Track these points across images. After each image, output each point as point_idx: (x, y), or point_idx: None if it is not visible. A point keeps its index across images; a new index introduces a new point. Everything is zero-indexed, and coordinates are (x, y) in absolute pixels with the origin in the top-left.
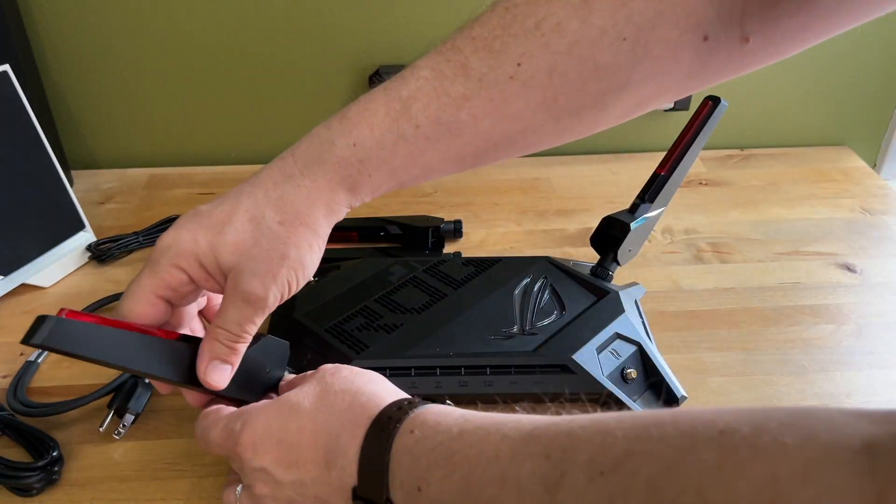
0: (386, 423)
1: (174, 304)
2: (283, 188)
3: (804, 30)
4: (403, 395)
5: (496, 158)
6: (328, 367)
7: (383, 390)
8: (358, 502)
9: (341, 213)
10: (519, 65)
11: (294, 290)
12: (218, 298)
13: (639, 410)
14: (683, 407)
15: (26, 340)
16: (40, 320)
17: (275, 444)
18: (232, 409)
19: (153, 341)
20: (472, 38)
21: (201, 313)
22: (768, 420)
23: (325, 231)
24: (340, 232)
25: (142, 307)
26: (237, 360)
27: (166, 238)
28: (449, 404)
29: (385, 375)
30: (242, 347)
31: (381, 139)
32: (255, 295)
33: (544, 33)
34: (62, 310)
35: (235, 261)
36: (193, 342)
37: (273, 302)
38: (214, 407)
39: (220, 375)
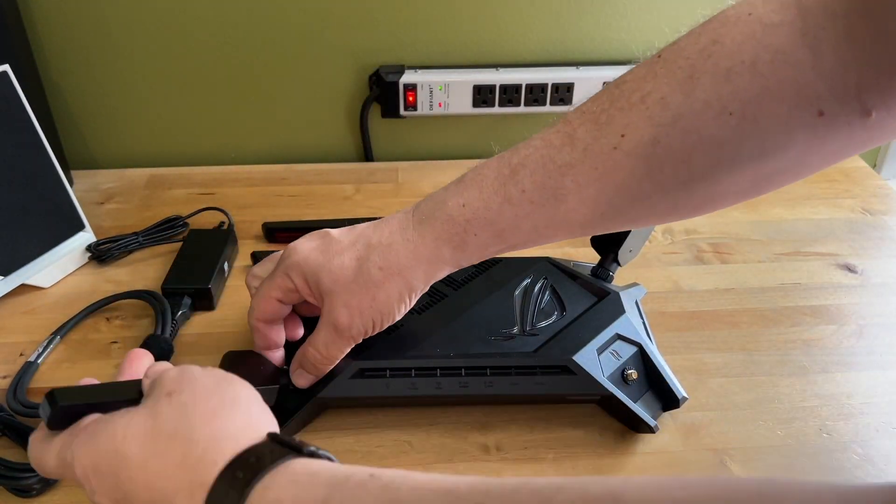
0: (226, 500)
1: (287, 303)
2: (394, 238)
3: None
4: (254, 430)
5: (608, 229)
6: (166, 382)
7: (224, 432)
8: None
9: (444, 271)
10: (623, 136)
11: (376, 330)
12: None
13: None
14: (632, 484)
15: (50, 413)
16: (48, 395)
17: (108, 487)
18: (60, 432)
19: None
20: (582, 113)
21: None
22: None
23: (421, 287)
24: None
25: (263, 304)
26: (320, 374)
27: (289, 248)
28: (311, 453)
29: (385, 376)
30: (326, 366)
31: (488, 201)
32: (342, 324)
33: (648, 107)
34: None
35: (332, 288)
36: None
37: (356, 334)
38: (39, 431)
39: (303, 380)
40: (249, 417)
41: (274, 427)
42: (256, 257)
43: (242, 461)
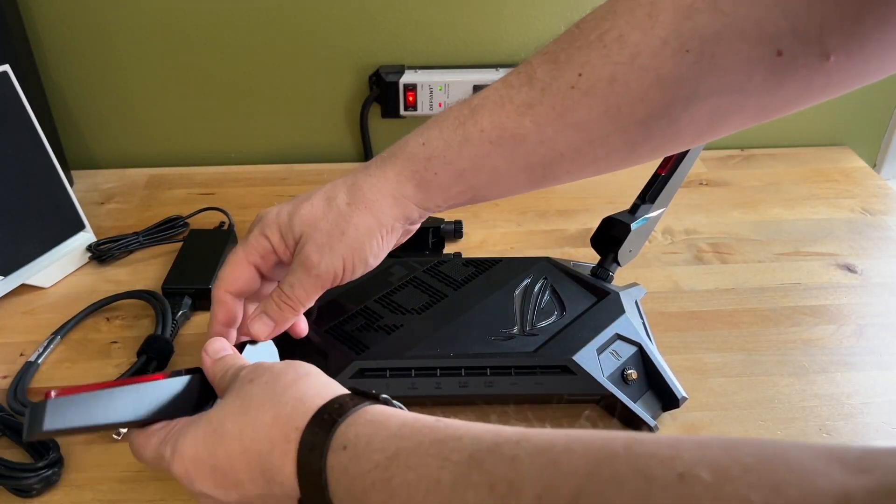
0: (315, 440)
1: (263, 273)
2: (357, 176)
3: (893, 47)
4: (332, 389)
5: (569, 171)
6: (245, 374)
7: (308, 390)
8: None
9: (411, 210)
10: (580, 75)
11: (351, 271)
12: None
13: (593, 434)
14: (641, 433)
15: (29, 434)
16: (36, 408)
17: (208, 470)
18: (161, 426)
19: (145, 387)
20: (542, 53)
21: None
22: (732, 463)
23: (389, 221)
24: None
25: (236, 271)
26: (282, 321)
27: (261, 212)
28: (386, 400)
29: (385, 376)
30: (289, 311)
31: (448, 139)
32: (310, 260)
33: (606, 44)
34: (49, 392)
35: (304, 229)
36: (183, 374)
37: (325, 272)
38: (145, 430)
39: (260, 326)
40: (326, 381)
41: (344, 390)
42: None
43: (328, 407)
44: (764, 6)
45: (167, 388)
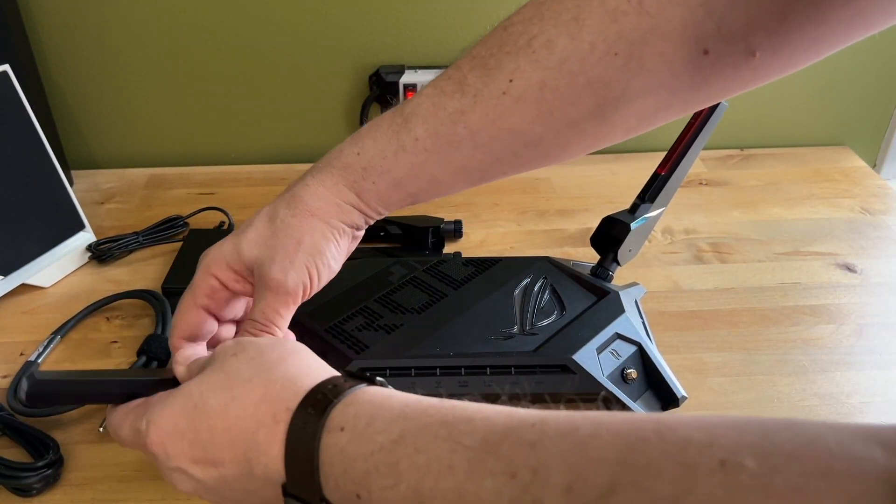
0: (308, 419)
1: (216, 313)
2: (294, 188)
3: (816, 42)
4: (323, 371)
5: (506, 172)
6: (227, 347)
7: (298, 369)
8: (290, 499)
9: (355, 216)
10: (511, 81)
11: (317, 280)
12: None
13: (617, 417)
14: (668, 415)
15: (29, 389)
16: (30, 374)
17: (187, 444)
18: (137, 403)
19: (135, 372)
20: (471, 58)
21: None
22: (774, 449)
23: (338, 224)
24: None
25: (186, 317)
26: None
27: (203, 254)
28: (381, 383)
29: (385, 376)
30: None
31: (383, 149)
32: (276, 280)
33: (535, 50)
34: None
35: (257, 254)
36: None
37: (294, 287)
38: (121, 406)
39: None
40: (315, 361)
41: (335, 372)
42: None
43: (322, 387)
44: (689, 7)
45: (160, 374)
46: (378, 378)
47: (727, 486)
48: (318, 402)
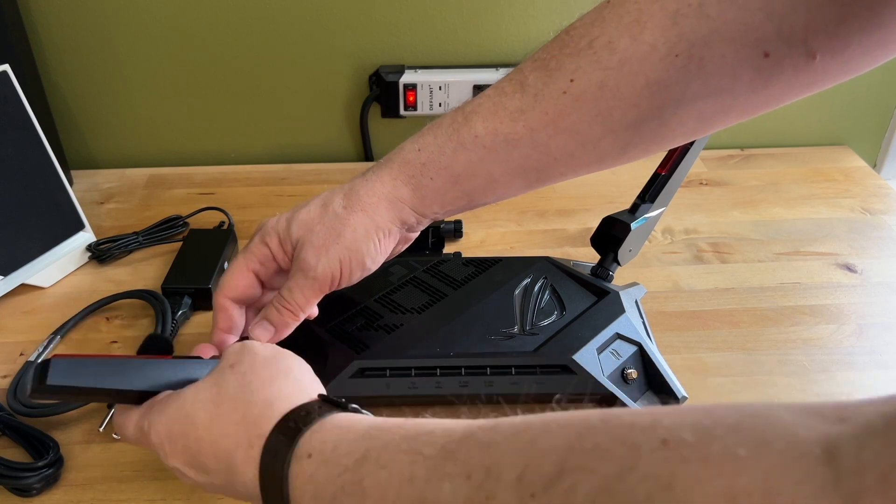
0: (278, 448)
1: (263, 280)
2: (354, 181)
3: (874, 47)
4: (305, 393)
5: (563, 174)
6: (230, 354)
7: (279, 392)
8: None
9: (407, 214)
10: (571, 80)
11: (349, 275)
12: None
13: (568, 413)
14: (615, 409)
15: (32, 390)
16: (41, 366)
17: (180, 448)
18: (146, 403)
19: (151, 363)
20: (533, 60)
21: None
22: (714, 425)
23: (386, 223)
24: None
25: (236, 278)
26: (283, 327)
27: (262, 222)
28: (355, 409)
29: (385, 376)
30: (289, 316)
31: (443, 146)
32: (307, 263)
33: (596, 51)
34: (54, 355)
35: (300, 234)
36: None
37: (322, 275)
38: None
39: (261, 332)
40: (301, 384)
41: (322, 391)
42: None
43: (295, 414)
44: (749, 10)
45: (172, 367)
46: (352, 405)
47: (668, 459)
48: (290, 429)
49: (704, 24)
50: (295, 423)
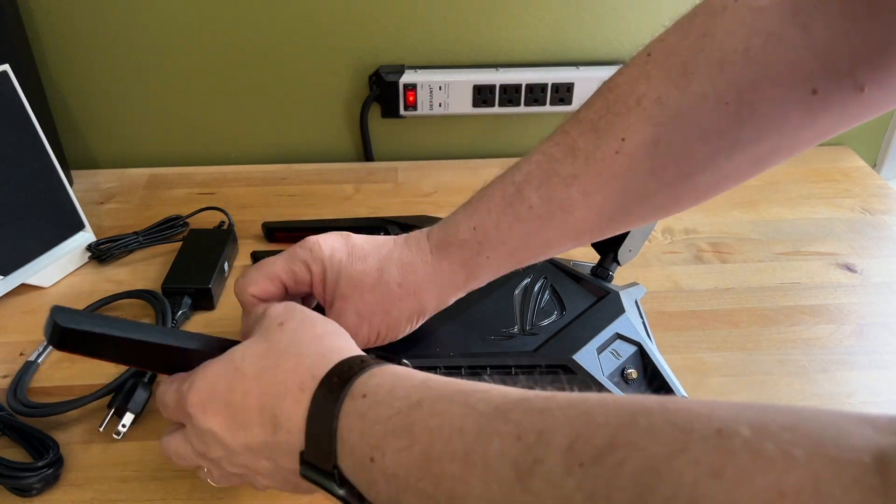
0: (333, 386)
1: (288, 291)
2: (414, 258)
3: None
4: (357, 351)
5: (615, 230)
6: (274, 315)
7: (332, 346)
8: (305, 467)
9: (454, 296)
10: (623, 140)
11: (376, 343)
12: None
13: (623, 395)
14: (673, 397)
15: (54, 331)
16: (55, 312)
17: (222, 406)
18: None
19: (167, 329)
20: (578, 122)
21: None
22: (769, 422)
23: (431, 309)
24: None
25: (263, 280)
26: None
27: (315, 239)
28: (406, 364)
29: None
30: None
31: (498, 221)
32: (349, 325)
33: (645, 108)
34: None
35: (348, 293)
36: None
37: (361, 339)
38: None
39: None
40: (349, 342)
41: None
42: (256, 257)
43: (350, 360)
44: (793, 48)
45: (189, 335)
46: (404, 360)
47: (720, 448)
48: (344, 372)
49: (751, 68)
50: (350, 367)
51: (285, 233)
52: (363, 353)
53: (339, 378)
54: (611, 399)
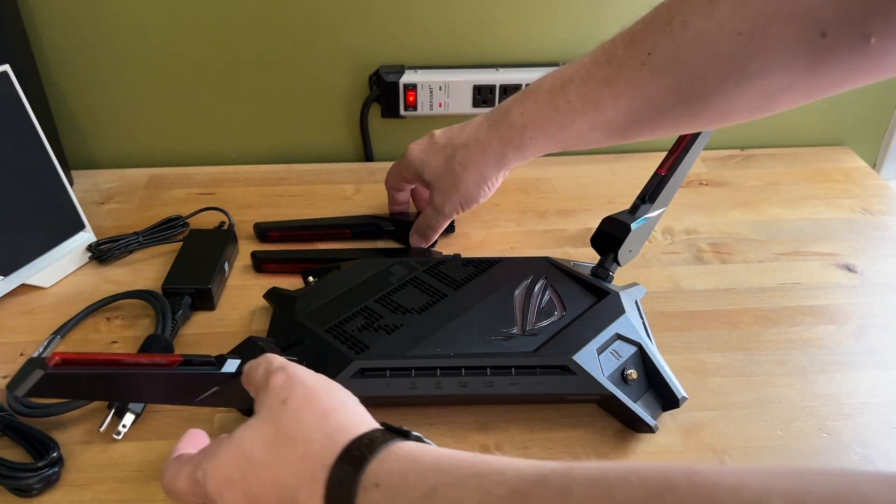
0: (344, 476)
1: (407, 182)
2: (471, 139)
3: None
4: (361, 424)
5: (642, 134)
6: (276, 389)
7: (338, 426)
8: None
9: (510, 164)
10: (649, 54)
11: (465, 209)
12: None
13: (646, 466)
14: (700, 466)
15: (13, 387)
16: (29, 365)
17: (241, 495)
18: (190, 454)
19: (138, 375)
20: (625, 33)
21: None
22: (805, 494)
23: (493, 175)
24: (333, 230)
25: (395, 179)
26: (429, 240)
27: (409, 148)
28: (417, 438)
29: (385, 376)
30: (432, 233)
31: (541, 110)
32: (437, 204)
33: (673, 28)
34: (54, 355)
35: (430, 179)
36: (183, 366)
37: (449, 211)
38: (175, 456)
39: (419, 242)
40: (356, 416)
41: (376, 424)
42: (256, 257)
43: (358, 443)
44: None
45: (157, 378)
46: (414, 433)
47: None
48: (355, 458)
49: (769, 4)
50: (360, 451)
51: (277, 232)
52: (371, 429)
53: (351, 465)
54: (633, 474)
